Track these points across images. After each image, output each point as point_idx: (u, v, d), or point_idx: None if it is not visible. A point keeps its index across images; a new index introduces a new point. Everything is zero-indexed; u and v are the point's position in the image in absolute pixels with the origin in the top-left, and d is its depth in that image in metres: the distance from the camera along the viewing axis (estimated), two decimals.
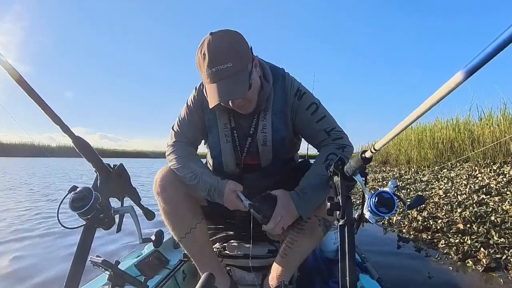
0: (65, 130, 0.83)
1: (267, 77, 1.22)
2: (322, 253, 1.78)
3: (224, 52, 1.03)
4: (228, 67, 1.03)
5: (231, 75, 1.04)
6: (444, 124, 7.62)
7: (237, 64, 1.04)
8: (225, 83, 1.04)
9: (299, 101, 1.26)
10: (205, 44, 1.04)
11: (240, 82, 1.05)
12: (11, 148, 39.10)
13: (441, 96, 0.43)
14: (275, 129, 1.25)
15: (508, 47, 0.32)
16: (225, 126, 1.27)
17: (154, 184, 1.27)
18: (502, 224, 2.70)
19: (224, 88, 1.04)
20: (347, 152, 1.21)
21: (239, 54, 1.05)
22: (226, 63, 1.02)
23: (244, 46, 1.09)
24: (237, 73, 1.04)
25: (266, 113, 1.24)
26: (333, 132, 1.24)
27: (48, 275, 2.06)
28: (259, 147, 1.27)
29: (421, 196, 0.75)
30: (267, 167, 1.32)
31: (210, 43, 1.03)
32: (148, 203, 1.05)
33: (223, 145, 1.28)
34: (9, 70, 0.72)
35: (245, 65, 1.07)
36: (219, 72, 1.03)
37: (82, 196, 0.83)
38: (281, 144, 1.27)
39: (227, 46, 1.03)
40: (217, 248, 1.50)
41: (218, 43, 1.03)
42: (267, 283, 1.30)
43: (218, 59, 1.03)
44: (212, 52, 1.03)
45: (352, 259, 0.69)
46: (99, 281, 1.19)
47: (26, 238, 2.95)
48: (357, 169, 0.70)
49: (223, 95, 1.04)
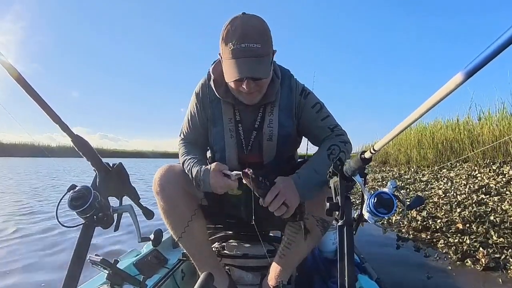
0: (64, 129, 0.82)
1: (277, 73, 1.25)
2: (321, 253, 1.78)
3: (257, 33, 1.06)
4: (257, 47, 1.05)
5: (257, 56, 1.06)
6: (443, 124, 7.63)
7: (265, 48, 1.07)
8: (250, 61, 1.06)
9: (305, 100, 1.28)
10: (238, 20, 1.07)
11: (264, 65, 1.08)
12: (11, 148, 39.05)
13: (441, 97, 0.43)
14: (281, 125, 1.26)
15: (507, 49, 0.31)
16: (230, 121, 1.27)
17: (153, 183, 1.27)
18: (501, 224, 2.71)
19: (249, 65, 1.06)
20: (348, 147, 1.23)
21: (268, 39, 1.09)
22: (257, 43, 1.04)
23: (270, 36, 1.12)
24: (263, 56, 1.07)
25: (273, 108, 1.25)
26: (336, 129, 1.27)
27: (47, 273, 2.06)
28: (263, 142, 1.27)
29: (420, 197, 0.75)
30: (269, 164, 1.31)
31: (244, 21, 1.06)
32: (147, 202, 1.05)
33: (227, 140, 1.28)
34: (9, 69, 0.72)
35: (270, 51, 1.11)
36: (247, 49, 1.04)
37: (81, 194, 0.83)
38: (286, 139, 1.28)
39: (260, 28, 1.07)
40: (216, 247, 1.50)
41: (253, 23, 1.06)
42: (266, 283, 1.30)
43: (250, 37, 1.04)
44: (245, 29, 1.04)
45: (351, 259, 0.69)
46: (98, 280, 1.19)
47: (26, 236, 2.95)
48: (356, 169, 0.70)
49: (247, 71, 1.06)
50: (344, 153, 1.20)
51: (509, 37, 0.30)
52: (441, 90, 0.42)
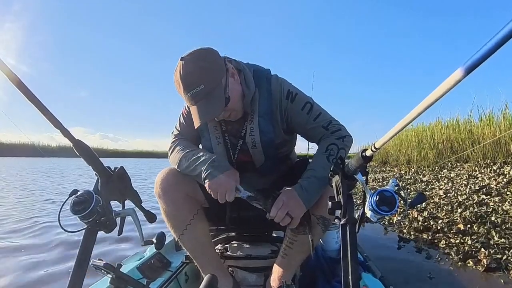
0: (65, 134, 0.82)
1: (248, 83, 1.23)
2: (324, 252, 1.78)
3: (195, 76, 1.08)
4: (201, 90, 1.07)
5: (205, 96, 1.08)
6: (444, 125, 7.64)
7: (209, 84, 1.08)
8: (202, 104, 1.10)
9: (292, 103, 1.26)
10: (177, 71, 1.10)
11: (216, 100, 1.10)
12: (11, 148, 38.99)
13: (441, 93, 0.43)
14: (263, 131, 1.25)
15: (508, 43, 0.32)
16: (215, 129, 1.29)
17: (155, 186, 1.27)
18: (502, 225, 2.70)
19: (202, 109, 1.10)
20: (347, 142, 1.23)
21: (210, 74, 1.09)
22: (199, 85, 1.07)
23: (215, 63, 1.12)
24: (211, 92, 1.09)
25: (253, 116, 1.25)
26: (331, 126, 1.25)
27: (50, 278, 2.05)
28: (250, 150, 1.28)
29: (422, 194, 0.75)
30: (262, 167, 1.32)
31: (182, 69, 1.08)
32: (150, 206, 1.05)
33: (215, 147, 1.30)
34: (9, 75, 0.72)
35: (218, 82, 1.11)
36: (194, 95, 1.08)
37: (83, 199, 0.83)
38: (271, 145, 1.28)
39: (197, 69, 1.08)
40: (219, 249, 1.50)
41: (189, 69, 1.08)
42: (269, 284, 1.30)
43: (191, 84, 1.08)
44: (184, 78, 1.08)
45: (354, 257, 0.69)
46: (101, 284, 1.19)
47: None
48: (357, 168, 0.70)
49: (203, 116, 1.09)
50: (343, 149, 1.20)
51: (509, 32, 0.31)
52: (440, 87, 0.42)
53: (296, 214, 1.11)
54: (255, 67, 1.30)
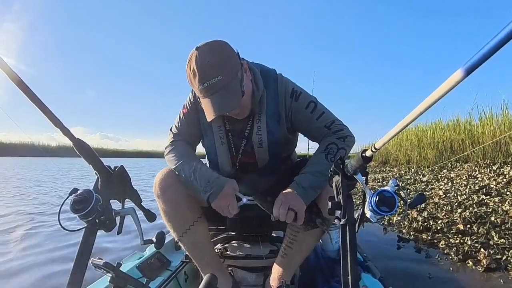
0: (65, 133, 0.82)
1: (257, 82, 1.22)
2: (324, 252, 1.78)
3: (213, 66, 1.04)
4: (219, 80, 1.04)
5: (223, 87, 1.05)
6: (444, 125, 7.64)
7: (228, 75, 1.05)
8: (219, 95, 1.06)
9: (297, 101, 1.26)
10: (193, 60, 1.05)
11: (233, 92, 1.07)
12: (11, 148, 38.92)
13: (441, 94, 0.43)
14: (270, 131, 1.26)
15: (507, 45, 0.32)
16: (219, 129, 1.29)
17: (154, 186, 1.27)
18: (502, 225, 2.71)
19: (218, 101, 1.06)
20: (348, 142, 1.22)
21: (228, 65, 1.06)
22: (217, 76, 1.03)
23: (232, 55, 1.10)
24: (229, 84, 1.06)
25: (260, 115, 1.25)
26: (333, 126, 1.25)
27: (49, 277, 2.05)
28: (255, 149, 1.28)
29: (422, 195, 0.75)
30: (264, 167, 1.33)
31: (198, 59, 1.04)
32: (149, 205, 1.05)
33: (218, 147, 1.30)
34: (9, 74, 0.72)
35: (235, 74, 1.08)
36: (211, 86, 1.04)
37: (83, 198, 0.83)
38: (277, 144, 1.28)
39: (215, 60, 1.04)
40: (218, 249, 1.50)
41: (206, 58, 1.04)
42: (269, 283, 1.30)
43: (208, 74, 1.04)
44: (201, 68, 1.04)
45: (354, 258, 0.69)
46: (101, 283, 1.18)
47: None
48: (357, 168, 0.70)
49: (219, 108, 1.06)
50: (343, 149, 1.20)
51: (508, 33, 0.30)
52: (441, 88, 0.42)
53: (297, 207, 1.10)
54: (261, 66, 1.30)
